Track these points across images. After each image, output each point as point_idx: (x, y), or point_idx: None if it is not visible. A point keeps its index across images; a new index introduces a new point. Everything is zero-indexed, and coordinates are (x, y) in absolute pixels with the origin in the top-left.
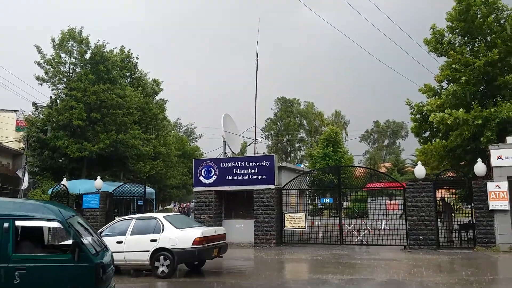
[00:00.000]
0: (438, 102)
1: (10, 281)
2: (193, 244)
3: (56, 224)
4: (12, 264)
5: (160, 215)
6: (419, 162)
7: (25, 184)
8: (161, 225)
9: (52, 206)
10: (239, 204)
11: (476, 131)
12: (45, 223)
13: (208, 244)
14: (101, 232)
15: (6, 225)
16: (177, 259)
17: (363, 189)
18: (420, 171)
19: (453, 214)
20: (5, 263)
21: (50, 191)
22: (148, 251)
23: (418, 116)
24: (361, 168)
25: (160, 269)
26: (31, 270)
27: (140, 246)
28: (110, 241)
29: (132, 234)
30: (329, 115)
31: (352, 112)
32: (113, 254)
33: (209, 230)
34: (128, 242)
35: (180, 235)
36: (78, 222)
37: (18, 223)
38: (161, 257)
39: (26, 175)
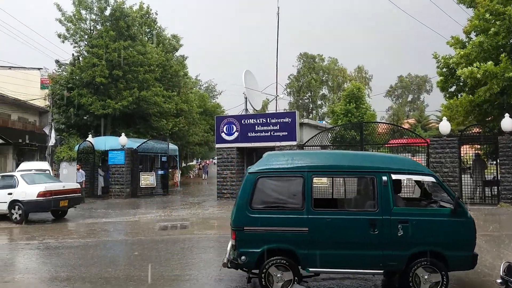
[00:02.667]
0: (463, 52)
1: (394, 233)
2: (37, 196)
3: (430, 179)
4: (394, 217)
5: (18, 174)
6: (444, 118)
7: (52, 141)
8: (17, 181)
9: (416, 161)
10: None
11: (505, 85)
12: (421, 177)
13: (53, 197)
14: None
15: (384, 178)
16: (26, 208)
17: (386, 145)
18: (445, 126)
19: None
20: (388, 215)
21: (76, 148)
22: (6, 202)
23: (444, 70)
24: (384, 124)
25: (14, 216)
26: (413, 223)
27: (2, 198)
28: None
29: None
30: (352, 70)
31: (376, 67)
32: None
33: (56, 185)
34: None
35: (28, 189)
36: None
37: (394, 176)
38: (16, 207)
39: (53, 132)
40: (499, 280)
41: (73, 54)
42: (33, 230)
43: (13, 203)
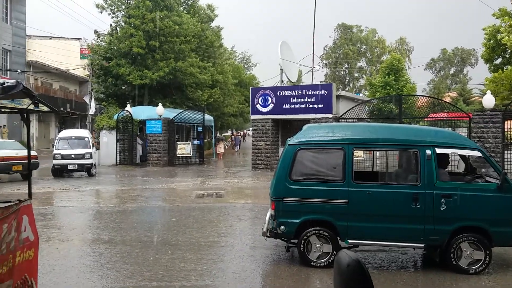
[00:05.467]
0: (510, 23)
1: (437, 207)
2: None
3: (476, 153)
4: (437, 191)
5: None
6: (488, 92)
7: (92, 110)
8: None
9: (461, 135)
10: (296, 132)
11: None
12: (466, 151)
13: (5, 162)
14: None
15: (428, 152)
16: None
17: (425, 119)
18: (488, 100)
19: None
20: (431, 189)
21: (115, 117)
22: None
23: (491, 41)
24: (424, 98)
25: None
26: (456, 198)
27: None
28: None
29: None
30: (393, 41)
31: (418, 39)
32: None
33: (9, 152)
34: None
35: None
36: None
37: (438, 150)
38: None
39: (93, 101)
40: None
41: (111, 25)
42: (76, 195)
43: None
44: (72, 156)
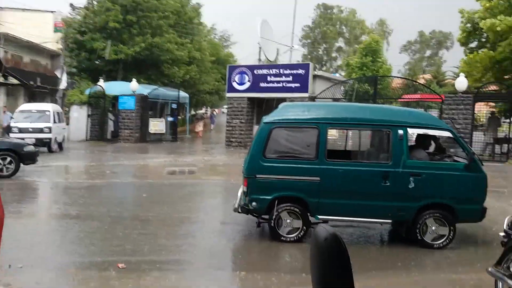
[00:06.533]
0: (488, 5)
1: (405, 185)
2: None
3: (447, 134)
4: (407, 170)
5: None
6: (462, 74)
7: (63, 84)
8: None
9: (434, 116)
10: (271, 111)
11: None
12: (437, 131)
13: None
14: None
15: (400, 132)
16: None
17: (399, 100)
18: (461, 83)
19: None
20: (400, 168)
21: (87, 92)
22: None
23: (468, 25)
24: (398, 79)
25: None
26: (425, 176)
27: None
28: None
29: None
30: (373, 23)
31: (397, 21)
32: None
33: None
34: None
35: None
36: None
37: (410, 130)
38: None
39: (64, 75)
40: (502, 234)
41: None
42: (43, 170)
43: None
44: (30, 129)
